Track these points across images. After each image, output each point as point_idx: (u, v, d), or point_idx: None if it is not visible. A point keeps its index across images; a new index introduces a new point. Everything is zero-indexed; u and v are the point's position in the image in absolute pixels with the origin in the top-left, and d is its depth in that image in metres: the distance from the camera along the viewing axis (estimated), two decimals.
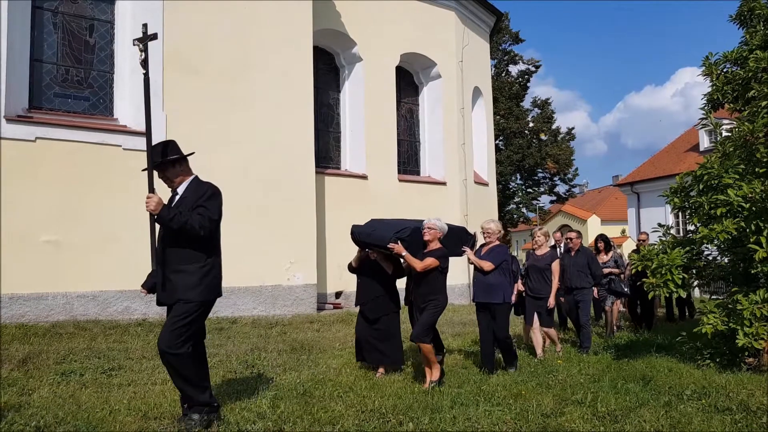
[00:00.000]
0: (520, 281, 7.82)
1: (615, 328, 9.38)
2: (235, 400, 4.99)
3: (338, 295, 7.66)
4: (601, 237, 9.80)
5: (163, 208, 4.07)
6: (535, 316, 7.41)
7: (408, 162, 16.25)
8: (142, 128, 10.38)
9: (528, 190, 36.42)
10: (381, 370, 6.31)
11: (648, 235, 10.01)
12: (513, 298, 7.50)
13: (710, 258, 6.92)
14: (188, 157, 4.68)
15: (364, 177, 14.35)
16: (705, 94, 7.28)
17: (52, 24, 10.40)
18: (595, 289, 8.87)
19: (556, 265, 7.40)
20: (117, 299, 9.90)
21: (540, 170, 35.40)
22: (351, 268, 6.70)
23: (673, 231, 7.18)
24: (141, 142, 10.26)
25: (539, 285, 7.41)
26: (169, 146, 4.64)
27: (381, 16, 14.67)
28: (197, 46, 11.06)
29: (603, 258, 9.29)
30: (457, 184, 16.15)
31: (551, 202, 40.27)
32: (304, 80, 12.47)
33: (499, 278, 6.32)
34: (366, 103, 14.54)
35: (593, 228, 43.39)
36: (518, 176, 35.76)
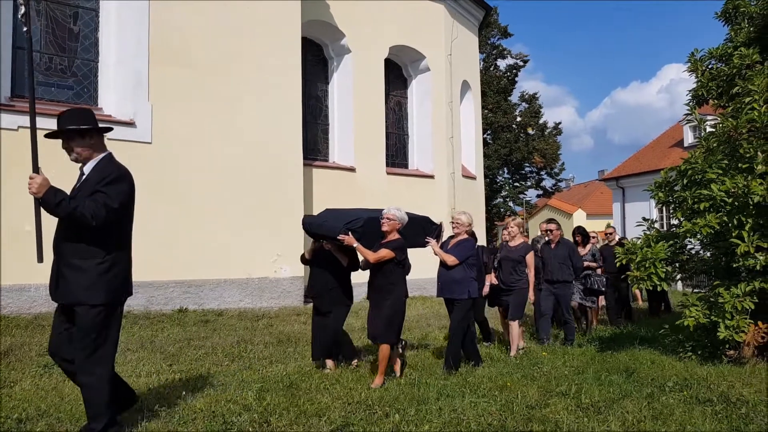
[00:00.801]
0: (492, 274, 7.55)
1: (593, 326, 9.08)
2: (221, 392, 4.99)
3: None
4: (579, 230, 9.49)
5: (48, 191, 3.47)
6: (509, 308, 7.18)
7: (396, 155, 16.25)
8: (128, 118, 10.45)
9: (515, 184, 36.60)
10: (330, 364, 6.08)
11: (615, 229, 9.94)
12: (485, 289, 7.42)
13: (693, 252, 7.00)
14: (105, 134, 4.02)
15: (352, 170, 14.33)
16: (690, 90, 7.35)
17: (36, 11, 10.24)
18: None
19: (530, 258, 7.13)
20: None
21: (527, 164, 35.58)
22: (304, 260, 6.46)
23: (657, 225, 7.24)
24: (126, 132, 10.25)
25: (511, 277, 7.14)
26: (83, 114, 3.85)
27: (370, 8, 14.62)
28: (184, 37, 10.95)
29: (580, 251, 8.91)
30: (445, 178, 16.18)
31: (538, 196, 40.52)
32: (292, 72, 12.40)
33: (464, 273, 6.03)
34: (354, 96, 14.50)
35: (579, 222, 43.65)
36: (505, 170, 35.92)
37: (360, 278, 6.43)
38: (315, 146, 14.45)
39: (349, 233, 5.55)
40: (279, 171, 11.77)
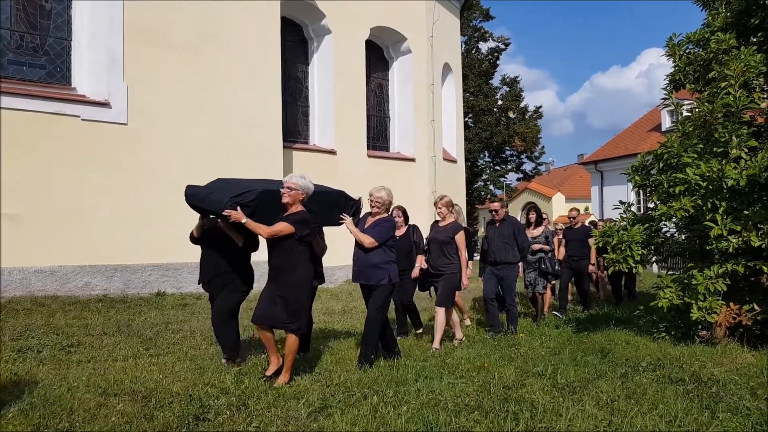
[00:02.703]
0: (422, 256, 7.02)
1: (545, 314, 8.60)
2: (198, 375, 4.97)
3: None
4: (534, 208, 8.98)
5: None
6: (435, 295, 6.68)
7: (377, 138, 16.19)
8: (102, 98, 10.23)
9: (496, 167, 36.73)
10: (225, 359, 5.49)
11: (579, 211, 9.83)
12: (415, 272, 7.01)
13: (668, 235, 7.10)
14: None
15: (332, 152, 14.26)
16: (668, 75, 7.39)
17: None
18: (521, 268, 8.24)
19: (460, 238, 6.45)
20: (76, 274, 9.70)
21: (508, 148, 35.68)
22: (192, 239, 5.61)
23: (634, 208, 7.33)
24: (100, 113, 10.06)
25: (439, 260, 6.51)
26: None
27: None
28: (161, 16, 10.73)
29: (532, 232, 8.43)
30: (426, 161, 16.18)
31: (518, 179, 40.76)
32: (271, 52, 12.25)
33: (384, 256, 5.46)
34: (335, 77, 14.39)
35: (558, 205, 44.06)
36: (486, 154, 36.00)
37: (335, 261, 6.34)
38: (295, 128, 14.34)
39: (238, 208, 4.82)
40: (258, 153, 11.66)
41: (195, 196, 5.22)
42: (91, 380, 4.78)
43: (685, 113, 6.84)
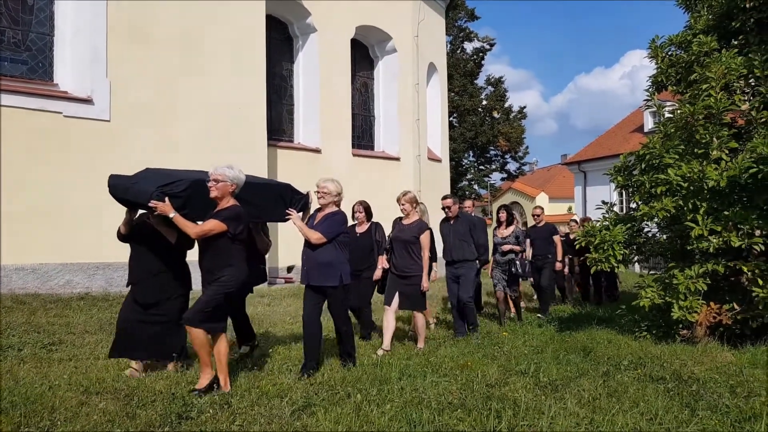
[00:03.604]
0: (384, 256, 6.64)
1: (513, 314, 8.31)
2: (181, 374, 4.93)
3: (290, 269, 6.94)
4: (504, 207, 8.42)
5: None
6: (395, 297, 6.14)
7: (362, 137, 16.20)
8: (84, 94, 10.12)
9: (480, 167, 36.88)
10: (170, 365, 5.08)
11: (543, 209, 9.65)
12: (377, 273, 6.72)
13: (650, 235, 7.18)
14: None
15: (317, 151, 14.24)
16: (650, 77, 7.47)
17: None
18: (490, 267, 7.99)
19: (425, 238, 6.13)
20: (58, 272, 9.59)
21: (492, 148, 35.84)
22: (120, 235, 5.07)
23: (616, 209, 7.40)
24: (83, 109, 9.94)
25: (404, 261, 6.11)
26: None
27: None
28: (144, 13, 10.64)
29: (503, 232, 8.04)
30: (411, 160, 16.21)
31: (502, 179, 40.93)
32: (256, 50, 12.21)
33: (334, 254, 5.08)
34: (320, 76, 14.37)
35: (541, 205, 44.33)
36: (471, 153, 36.13)
37: None
38: (280, 126, 14.30)
39: (166, 199, 4.39)
40: (242, 151, 11.60)
41: (119, 187, 4.76)
42: (72, 378, 4.73)
43: (667, 115, 6.92)
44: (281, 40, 14.43)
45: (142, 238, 4.99)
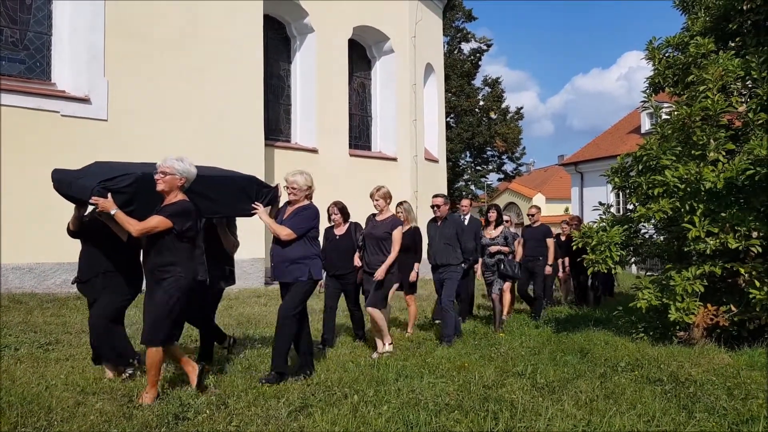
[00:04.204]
0: (357, 254, 6.31)
1: (504, 318, 7.84)
2: (178, 374, 4.92)
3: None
4: (494, 207, 8.13)
5: None
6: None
7: (360, 137, 16.19)
8: (82, 94, 10.09)
9: (477, 167, 36.89)
10: (109, 372, 4.78)
11: (539, 209, 9.35)
12: (360, 275, 6.31)
13: (647, 236, 7.19)
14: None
15: (314, 151, 14.23)
16: (647, 78, 7.49)
17: None
18: (478, 268, 7.77)
19: (397, 234, 5.83)
20: (55, 272, 9.56)
21: (489, 148, 35.85)
22: (70, 232, 4.83)
23: (613, 210, 7.41)
24: (80, 108, 9.91)
25: (375, 258, 5.84)
26: None
27: None
28: (142, 12, 10.62)
29: (491, 233, 7.75)
30: (408, 161, 16.21)
31: (499, 180, 40.94)
32: (253, 50, 12.19)
33: (303, 250, 4.84)
34: (317, 76, 14.36)
35: (538, 205, 44.42)
36: (468, 154, 36.13)
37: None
38: (276, 126, 14.28)
39: (109, 195, 4.10)
40: (239, 151, 11.59)
41: (63, 182, 4.50)
42: (69, 378, 4.71)
43: (664, 116, 6.93)
44: (279, 40, 14.42)
45: (91, 235, 4.72)
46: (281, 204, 5.19)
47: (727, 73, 6.17)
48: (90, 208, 4.56)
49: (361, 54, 16.25)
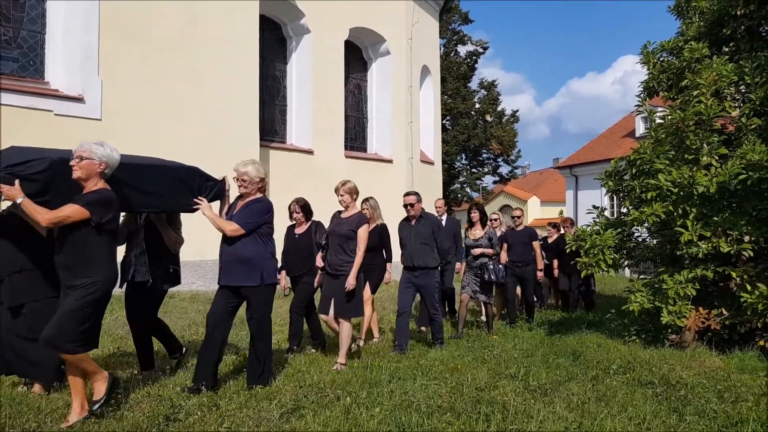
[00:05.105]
0: (320, 254, 5.86)
1: (492, 323, 7.53)
2: (170, 375, 4.90)
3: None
4: (477, 206, 7.66)
5: None
6: (332, 304, 5.42)
7: (355, 138, 16.19)
8: (76, 93, 10.05)
9: (472, 170, 36.94)
10: (37, 387, 4.32)
11: (522, 210, 9.04)
12: (319, 278, 5.88)
13: (640, 239, 7.21)
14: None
15: (310, 152, 14.22)
16: (642, 82, 7.52)
17: None
18: (461, 267, 7.45)
19: (363, 232, 5.42)
20: None
21: (484, 151, 35.91)
22: None
23: (607, 213, 7.43)
24: (74, 108, 9.87)
25: (338, 258, 5.40)
26: None
27: None
28: (137, 11, 10.60)
29: (475, 234, 7.41)
30: (404, 163, 16.21)
31: (494, 182, 41.00)
32: (249, 50, 12.17)
33: (255, 249, 4.44)
34: (313, 77, 14.35)
35: (533, 208, 44.50)
36: (463, 156, 36.19)
37: None
38: (272, 127, 14.26)
39: (17, 182, 3.59)
40: (234, 151, 11.49)
41: None
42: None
43: (658, 120, 6.95)
44: (275, 41, 14.41)
45: (7, 229, 4.26)
46: (232, 199, 4.78)
47: (720, 78, 6.20)
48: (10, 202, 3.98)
49: (357, 55, 16.25)
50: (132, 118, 10.36)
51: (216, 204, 4.76)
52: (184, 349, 5.35)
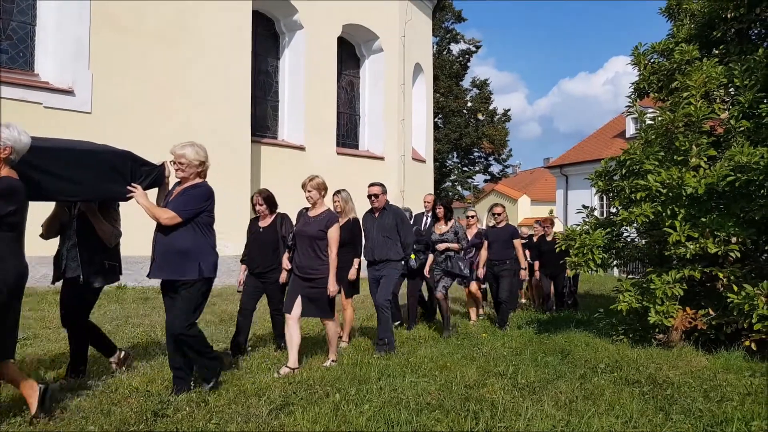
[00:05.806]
0: (286, 254, 5.63)
1: (475, 318, 7.63)
2: (158, 371, 4.89)
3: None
4: (441, 202, 7.56)
5: None
6: (297, 303, 5.06)
7: (347, 135, 16.18)
8: (66, 85, 9.98)
9: (464, 168, 37.04)
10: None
11: (504, 208, 8.47)
12: (282, 276, 5.69)
13: (629, 239, 7.26)
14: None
15: (301, 148, 14.19)
16: (632, 83, 7.56)
17: None
18: (428, 265, 7.27)
19: (334, 232, 5.06)
20: (34, 265, 9.40)
21: (476, 149, 36.03)
22: None
23: (597, 213, 7.46)
24: (64, 100, 9.80)
25: (308, 260, 5.06)
26: None
27: None
28: (129, 5, 10.52)
29: (440, 228, 7.33)
30: (395, 160, 16.22)
31: (485, 181, 41.14)
32: (242, 45, 12.13)
33: (193, 239, 4.12)
34: (306, 73, 14.32)
35: (523, 208, 44.65)
36: (455, 154, 36.27)
37: None
38: (264, 123, 14.23)
39: None
40: (225, 146, 11.52)
41: None
42: (47, 374, 4.66)
43: (648, 121, 6.99)
44: (267, 37, 14.36)
45: None
46: (171, 185, 4.41)
47: (710, 80, 6.25)
48: None
49: (350, 52, 16.23)
50: (122, 111, 10.29)
51: (154, 192, 4.38)
52: (119, 350, 4.98)
